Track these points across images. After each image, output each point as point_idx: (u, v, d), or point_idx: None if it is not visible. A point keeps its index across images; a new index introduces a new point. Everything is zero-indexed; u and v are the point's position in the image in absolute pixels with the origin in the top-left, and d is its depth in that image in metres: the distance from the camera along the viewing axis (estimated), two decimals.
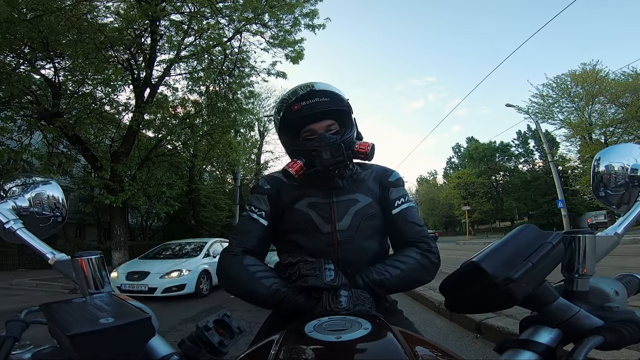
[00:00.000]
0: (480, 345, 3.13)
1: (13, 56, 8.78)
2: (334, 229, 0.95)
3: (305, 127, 0.98)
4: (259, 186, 1.05)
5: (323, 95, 0.95)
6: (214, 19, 9.37)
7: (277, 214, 1.01)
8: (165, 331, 4.13)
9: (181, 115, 11.44)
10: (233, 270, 0.91)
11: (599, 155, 0.58)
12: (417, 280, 0.94)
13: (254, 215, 0.99)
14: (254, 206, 1.00)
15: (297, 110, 0.95)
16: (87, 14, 8.86)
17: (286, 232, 1.00)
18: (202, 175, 22.08)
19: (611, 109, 21.26)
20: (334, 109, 0.96)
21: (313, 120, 0.97)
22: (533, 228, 0.38)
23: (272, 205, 1.01)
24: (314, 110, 0.94)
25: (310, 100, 0.95)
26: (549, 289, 0.37)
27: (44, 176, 0.67)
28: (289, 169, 0.94)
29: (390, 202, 1.01)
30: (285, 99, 0.99)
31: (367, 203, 0.99)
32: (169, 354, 0.41)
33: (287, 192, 1.02)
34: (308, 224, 0.97)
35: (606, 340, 0.35)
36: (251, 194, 1.05)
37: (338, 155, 0.90)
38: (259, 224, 0.98)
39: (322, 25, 9.88)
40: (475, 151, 42.42)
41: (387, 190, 1.02)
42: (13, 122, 9.13)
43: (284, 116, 0.98)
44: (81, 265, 0.45)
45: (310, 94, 0.95)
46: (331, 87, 0.99)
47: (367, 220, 0.97)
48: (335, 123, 0.99)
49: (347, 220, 0.96)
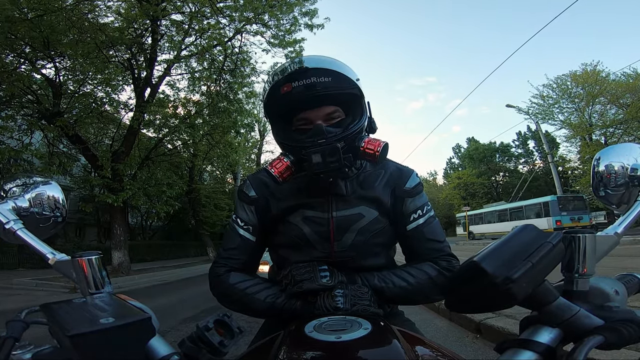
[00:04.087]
0: (480, 345, 3.13)
1: (14, 56, 8.78)
2: (332, 250, 0.81)
3: (299, 115, 0.78)
4: (243, 193, 0.88)
5: (322, 74, 0.74)
6: (215, 18, 9.38)
7: (268, 224, 0.87)
8: (165, 331, 4.13)
9: (182, 115, 11.45)
10: (222, 290, 0.83)
11: (599, 155, 0.58)
12: (426, 296, 0.81)
13: (240, 230, 0.86)
14: (240, 219, 0.87)
15: (285, 93, 0.75)
16: (88, 13, 8.87)
17: (278, 246, 0.88)
18: (202, 175, 22.07)
19: (611, 110, 21.23)
20: (338, 92, 0.75)
21: (309, 105, 0.76)
22: (533, 228, 0.38)
23: (261, 216, 0.86)
24: (308, 93, 0.74)
25: (304, 80, 0.73)
26: (549, 288, 0.37)
27: (44, 176, 0.67)
28: (271, 170, 0.75)
29: (405, 216, 0.84)
30: (270, 78, 0.80)
31: (373, 218, 0.82)
32: (169, 354, 0.41)
33: (276, 200, 0.86)
34: (302, 241, 0.82)
35: (606, 340, 0.35)
36: (237, 199, 0.91)
37: (333, 160, 0.70)
38: (245, 239, 0.85)
39: (321, 25, 9.91)
40: (475, 152, 42.40)
41: (400, 201, 0.84)
42: (14, 122, 9.15)
43: (270, 100, 0.79)
44: (81, 265, 0.45)
45: (303, 71, 0.74)
46: (332, 62, 0.77)
47: (373, 238, 0.82)
48: (339, 110, 0.79)
49: (348, 239, 0.81)
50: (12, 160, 8.92)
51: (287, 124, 0.82)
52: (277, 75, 0.77)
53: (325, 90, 0.74)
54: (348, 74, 0.77)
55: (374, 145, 0.75)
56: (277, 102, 0.78)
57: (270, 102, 0.80)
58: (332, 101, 0.77)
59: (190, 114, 11.24)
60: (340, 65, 0.77)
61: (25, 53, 8.80)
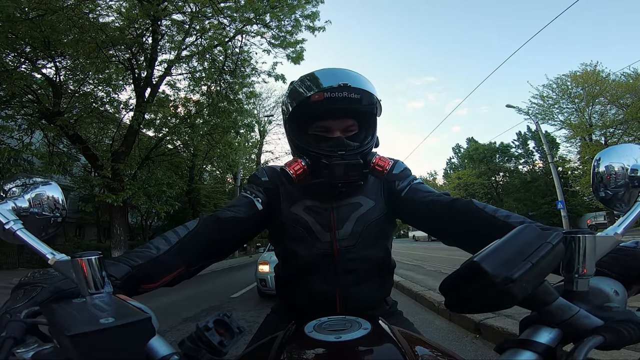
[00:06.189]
0: (480, 345, 3.13)
1: (14, 55, 8.78)
2: (334, 238, 0.85)
3: (320, 122, 0.83)
4: (256, 177, 0.93)
5: (353, 91, 0.78)
6: (216, 18, 9.38)
7: (273, 211, 0.90)
8: (165, 330, 4.14)
9: (182, 114, 11.46)
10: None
11: (599, 156, 0.58)
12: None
13: (249, 195, 0.88)
14: (250, 191, 0.90)
15: (317, 102, 0.78)
16: (89, 13, 8.87)
17: (281, 238, 0.91)
18: (202, 175, 22.09)
19: (611, 110, 21.25)
20: (362, 110, 0.81)
21: (331, 115, 0.82)
22: (533, 228, 0.38)
23: (269, 199, 0.90)
24: (338, 106, 0.79)
25: (338, 93, 0.78)
26: (549, 288, 0.37)
27: (44, 177, 0.67)
28: (288, 169, 0.80)
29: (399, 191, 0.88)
30: (305, 83, 0.82)
31: (370, 207, 0.88)
32: (170, 354, 0.41)
33: (284, 190, 0.91)
34: (305, 230, 0.86)
35: (606, 340, 0.35)
36: (247, 183, 0.95)
37: (354, 174, 0.77)
38: (251, 204, 0.87)
39: (322, 27, 9.91)
40: (475, 152, 42.38)
41: (393, 184, 0.90)
42: (14, 121, 9.15)
43: (299, 104, 0.81)
44: (81, 265, 0.45)
45: (342, 87, 0.78)
46: (365, 83, 0.81)
47: (371, 227, 0.87)
48: (356, 124, 0.85)
49: (348, 228, 0.86)
50: (12, 160, 8.92)
51: (303, 126, 0.86)
52: (313, 84, 0.81)
53: (353, 106, 0.80)
54: (374, 93, 0.81)
55: (384, 163, 0.81)
56: (305, 108, 0.81)
57: (298, 106, 0.82)
58: (353, 115, 0.83)
59: (190, 114, 11.24)
60: (369, 86, 0.82)
61: (26, 52, 8.81)
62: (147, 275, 0.63)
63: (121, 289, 0.54)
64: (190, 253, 0.72)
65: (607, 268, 0.46)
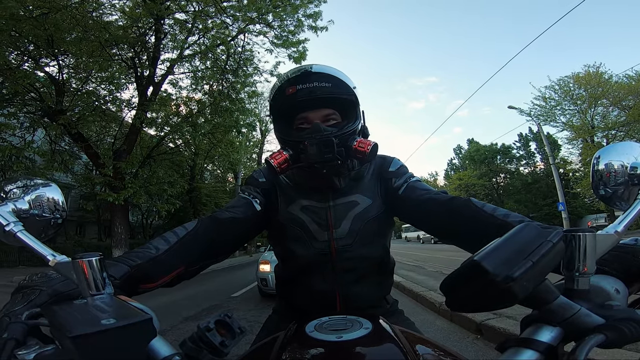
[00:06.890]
0: (481, 346, 3.13)
1: (18, 53, 8.81)
2: (331, 237, 0.86)
3: (300, 114, 0.85)
4: (254, 178, 0.95)
5: (323, 79, 0.82)
6: (219, 18, 9.39)
7: (271, 211, 0.91)
8: (166, 329, 4.14)
9: (184, 113, 11.47)
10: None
11: (598, 154, 0.58)
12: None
13: (247, 196, 0.90)
14: (248, 192, 0.92)
15: (291, 95, 0.82)
16: (93, 12, 8.89)
17: (280, 238, 0.92)
18: (203, 174, 22.11)
19: (614, 112, 21.18)
20: (336, 97, 0.83)
21: (310, 107, 0.84)
22: (533, 226, 0.37)
23: (267, 199, 0.92)
24: (310, 96, 0.81)
25: (307, 83, 0.81)
26: (550, 287, 0.37)
27: (44, 179, 0.67)
28: (271, 160, 0.81)
29: (396, 189, 0.88)
30: (280, 81, 0.87)
31: (367, 205, 0.88)
32: (171, 354, 0.41)
33: (281, 190, 0.93)
34: (302, 230, 0.87)
35: (607, 339, 0.35)
36: (245, 185, 0.96)
37: (327, 151, 0.77)
38: (249, 204, 0.88)
39: (324, 27, 9.91)
40: (476, 153, 42.28)
41: (389, 182, 0.90)
42: (16, 119, 9.17)
43: (276, 100, 0.86)
44: (82, 267, 0.45)
45: (307, 75, 0.82)
46: (334, 71, 0.85)
47: (368, 225, 0.87)
48: (336, 113, 0.86)
49: (345, 226, 0.86)
50: (14, 158, 8.94)
51: (288, 122, 0.88)
52: (284, 78, 0.85)
53: (325, 94, 0.82)
54: (347, 81, 0.85)
55: (364, 145, 0.80)
56: (281, 102, 0.85)
57: (275, 102, 0.86)
58: (331, 105, 0.85)
59: (192, 113, 11.26)
60: (340, 74, 0.85)
61: (29, 51, 8.83)
62: (146, 275, 0.63)
63: (120, 289, 0.54)
64: (189, 253, 0.73)
65: (607, 266, 0.46)
